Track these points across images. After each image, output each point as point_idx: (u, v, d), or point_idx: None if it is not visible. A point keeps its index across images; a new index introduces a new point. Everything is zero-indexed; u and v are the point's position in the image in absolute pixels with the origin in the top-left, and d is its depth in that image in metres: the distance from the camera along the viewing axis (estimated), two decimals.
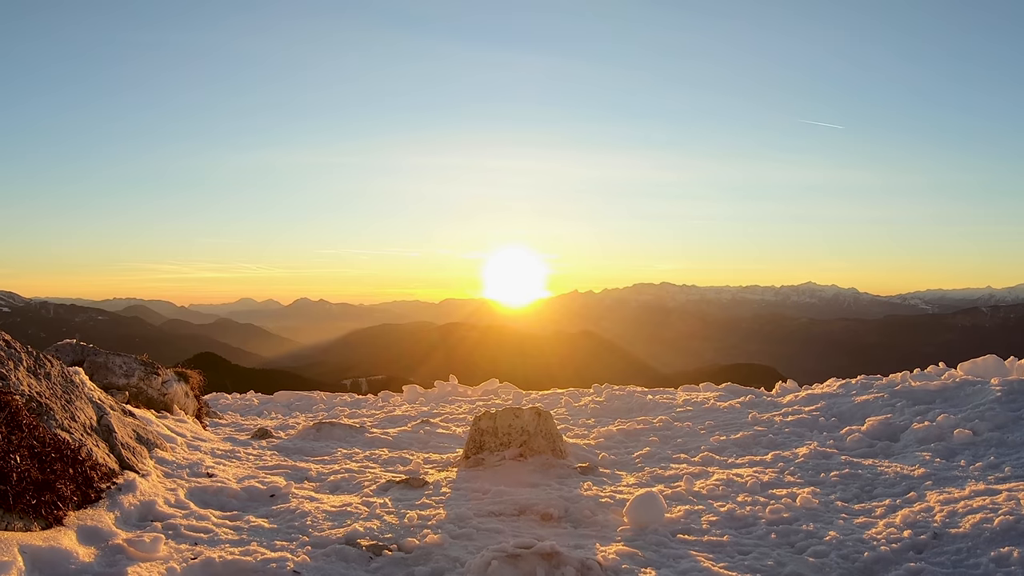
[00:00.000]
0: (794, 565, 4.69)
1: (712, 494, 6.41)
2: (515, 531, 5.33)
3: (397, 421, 10.96)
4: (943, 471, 6.69)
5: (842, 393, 10.23)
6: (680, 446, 8.54)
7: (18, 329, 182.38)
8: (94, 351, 9.54)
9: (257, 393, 15.39)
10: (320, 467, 7.40)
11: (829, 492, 6.35)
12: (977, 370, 10.12)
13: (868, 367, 14.67)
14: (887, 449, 7.76)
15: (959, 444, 7.44)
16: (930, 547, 4.89)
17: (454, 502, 6.14)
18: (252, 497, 6.01)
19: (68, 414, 5.41)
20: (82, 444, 5.08)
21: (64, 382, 5.89)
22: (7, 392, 4.44)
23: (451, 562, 4.66)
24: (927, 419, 8.25)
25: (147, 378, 9.24)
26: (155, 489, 5.51)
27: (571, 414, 11.16)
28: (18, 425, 4.12)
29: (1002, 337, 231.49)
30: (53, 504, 4.10)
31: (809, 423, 9.06)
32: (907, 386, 9.65)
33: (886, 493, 6.25)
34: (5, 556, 3.47)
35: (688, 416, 10.11)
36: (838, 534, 5.19)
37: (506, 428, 7.75)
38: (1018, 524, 4.93)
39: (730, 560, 4.81)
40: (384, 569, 4.59)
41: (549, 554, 4.43)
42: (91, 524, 4.35)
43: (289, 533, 5.13)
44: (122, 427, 6.20)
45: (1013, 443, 7.23)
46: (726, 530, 5.43)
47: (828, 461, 7.33)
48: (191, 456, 7.07)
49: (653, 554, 4.89)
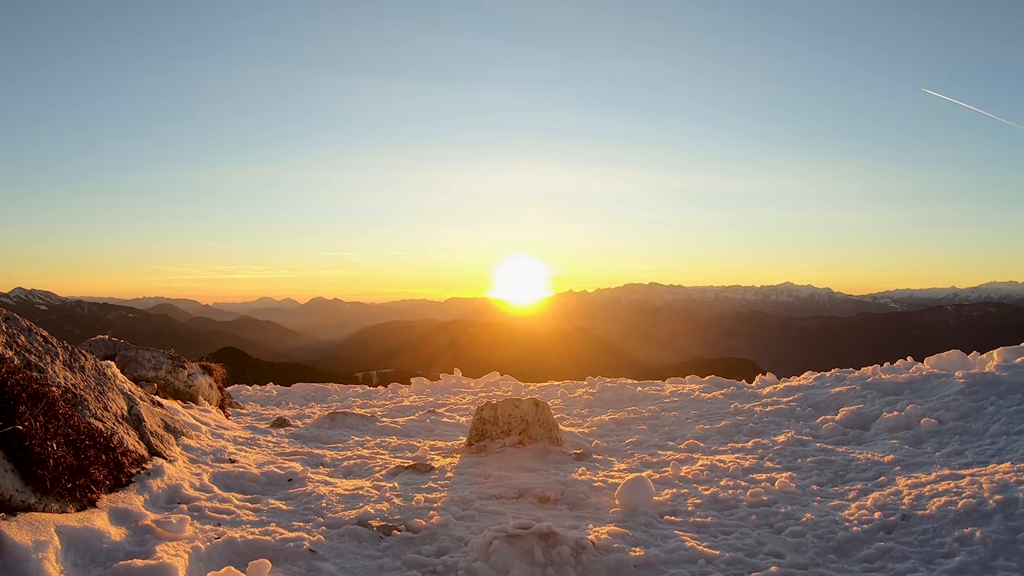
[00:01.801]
0: (773, 544, 4.69)
1: (697, 479, 6.41)
2: (515, 513, 5.33)
3: (405, 411, 10.96)
4: (911, 457, 6.69)
5: (817, 385, 10.23)
6: (667, 434, 8.54)
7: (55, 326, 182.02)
8: (125, 346, 9.53)
9: (276, 385, 15.38)
10: (334, 453, 7.40)
11: (805, 477, 6.35)
12: (942, 364, 10.12)
13: (841, 361, 14.66)
14: (859, 437, 7.75)
15: (926, 432, 7.44)
16: (899, 528, 4.89)
17: (458, 486, 6.14)
18: (271, 481, 6.01)
19: (101, 404, 5.41)
20: (114, 432, 5.08)
21: (97, 375, 5.89)
22: (44, 384, 4.43)
23: (456, 541, 4.65)
24: (896, 409, 8.25)
25: (174, 371, 9.23)
26: (181, 474, 5.50)
27: (566, 404, 11.16)
28: (55, 415, 4.11)
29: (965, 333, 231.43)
30: (87, 488, 4.10)
31: (787, 413, 9.05)
32: (877, 379, 9.65)
33: (858, 478, 6.24)
34: (43, 536, 3.47)
35: (675, 406, 10.10)
36: (814, 516, 5.18)
37: (506, 417, 7.74)
38: (980, 507, 4.93)
39: (713, 539, 4.81)
40: (393, 548, 4.58)
41: (546, 534, 4.42)
42: (122, 506, 4.35)
43: (305, 515, 5.13)
44: (151, 416, 6.20)
45: (975, 431, 7.23)
46: (710, 512, 5.43)
47: (804, 448, 7.33)
48: (215, 443, 7.07)
49: (642, 534, 4.89)
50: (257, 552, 4.25)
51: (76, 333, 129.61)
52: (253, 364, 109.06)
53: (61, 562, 3.49)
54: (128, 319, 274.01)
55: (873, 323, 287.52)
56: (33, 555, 3.32)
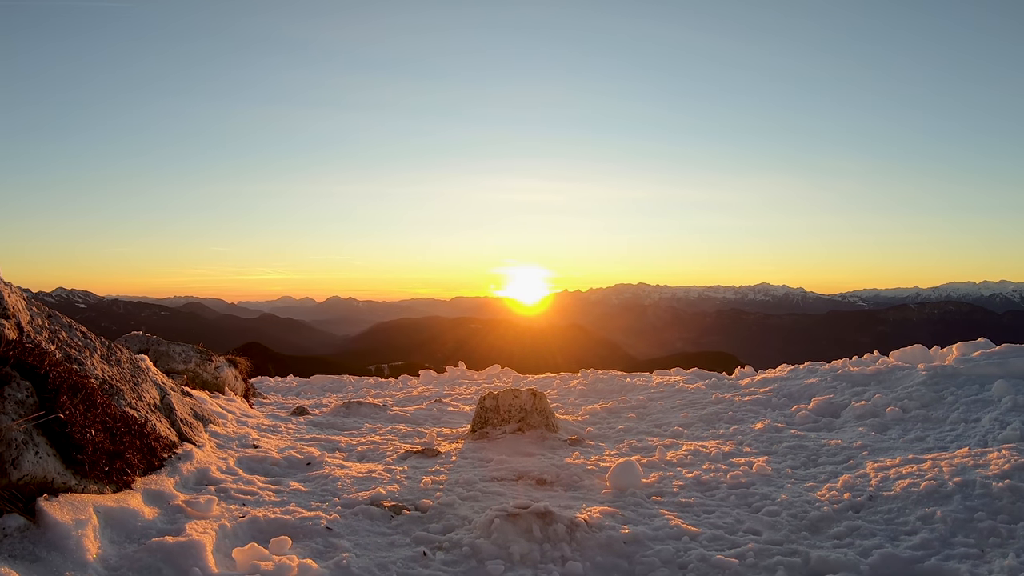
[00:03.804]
0: (751, 522, 4.69)
1: (681, 462, 6.40)
2: (514, 494, 5.33)
3: (414, 400, 10.95)
4: (877, 443, 6.69)
5: (791, 377, 10.23)
6: (654, 422, 8.54)
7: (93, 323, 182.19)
8: (157, 341, 9.53)
9: (295, 377, 15.36)
10: (349, 439, 7.39)
11: (781, 461, 6.35)
12: (906, 357, 10.11)
13: (814, 355, 14.65)
14: (830, 424, 7.75)
15: (891, 420, 7.44)
16: (866, 507, 4.89)
17: (462, 469, 6.13)
18: (291, 465, 6.01)
19: (135, 394, 5.41)
20: (147, 420, 5.08)
21: (132, 367, 5.89)
22: (84, 376, 4.43)
23: (460, 520, 4.65)
24: (864, 399, 8.25)
25: (202, 364, 9.22)
26: (209, 458, 5.50)
27: (562, 395, 11.15)
28: (93, 404, 4.11)
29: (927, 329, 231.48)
30: (123, 471, 4.10)
31: (763, 402, 9.05)
32: (847, 371, 9.65)
33: (829, 462, 6.24)
34: (82, 515, 3.48)
35: (661, 396, 10.10)
36: (788, 496, 5.18)
37: (507, 406, 7.74)
38: (941, 488, 4.93)
39: (696, 518, 4.81)
40: (403, 526, 4.58)
41: (543, 513, 4.42)
42: (155, 488, 4.35)
43: (322, 495, 5.13)
44: (181, 405, 6.19)
45: (936, 419, 7.24)
46: (693, 493, 5.42)
47: (780, 434, 7.33)
48: (239, 430, 7.06)
49: (631, 513, 4.89)
50: (278, 530, 4.25)
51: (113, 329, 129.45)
52: (275, 357, 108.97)
53: (99, 538, 3.49)
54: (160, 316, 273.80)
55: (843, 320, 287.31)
56: (73, 532, 3.33)
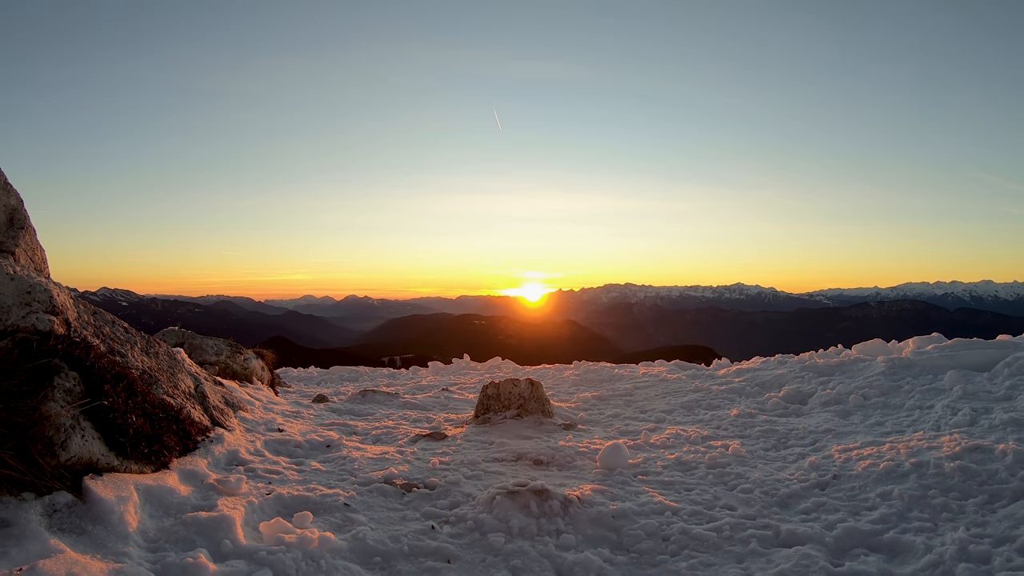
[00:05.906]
0: (727, 499, 4.69)
1: (664, 444, 6.40)
2: (514, 473, 5.33)
3: (424, 389, 10.95)
4: (841, 427, 6.69)
5: (763, 367, 10.23)
6: (640, 408, 8.54)
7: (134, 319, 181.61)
8: (192, 335, 9.53)
9: (316, 368, 15.36)
10: (365, 424, 7.39)
11: (754, 443, 6.35)
12: (867, 350, 10.13)
13: (784, 348, 14.65)
14: (798, 410, 7.75)
15: (853, 406, 7.44)
16: (831, 485, 4.89)
17: (467, 451, 6.13)
18: (313, 447, 6.00)
19: (172, 384, 5.41)
20: (183, 406, 5.08)
21: (169, 359, 5.89)
22: (125, 367, 4.43)
23: (465, 496, 4.66)
24: (829, 387, 8.25)
25: (232, 356, 9.22)
26: (239, 441, 5.50)
27: (556, 383, 11.15)
28: (134, 392, 4.11)
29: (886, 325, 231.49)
30: (160, 452, 4.10)
31: (738, 390, 9.05)
32: (813, 362, 9.65)
33: (797, 444, 6.24)
34: (124, 492, 3.48)
35: (646, 385, 10.10)
36: (761, 475, 5.18)
37: (507, 394, 7.74)
38: (898, 468, 4.93)
39: (677, 495, 4.81)
40: (414, 502, 4.58)
41: (539, 491, 4.43)
42: (189, 468, 4.35)
43: (341, 475, 5.12)
44: (213, 393, 6.19)
45: (894, 406, 7.24)
46: (675, 472, 5.42)
47: (753, 419, 7.33)
48: (266, 416, 7.06)
49: (619, 490, 4.89)
50: (301, 505, 4.25)
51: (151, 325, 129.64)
52: (298, 350, 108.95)
53: (139, 513, 3.49)
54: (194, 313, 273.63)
55: (810, 317, 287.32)
56: (116, 508, 3.33)
